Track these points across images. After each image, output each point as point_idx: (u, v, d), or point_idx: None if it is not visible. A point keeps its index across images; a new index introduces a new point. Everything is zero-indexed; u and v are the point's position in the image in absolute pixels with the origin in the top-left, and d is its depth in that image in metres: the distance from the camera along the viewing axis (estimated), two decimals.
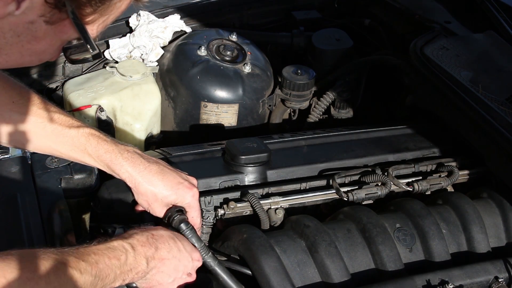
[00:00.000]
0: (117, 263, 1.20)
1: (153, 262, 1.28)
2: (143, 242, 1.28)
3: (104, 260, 1.18)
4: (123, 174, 1.40)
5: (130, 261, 1.23)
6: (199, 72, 2.22)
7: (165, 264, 1.30)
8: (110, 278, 1.18)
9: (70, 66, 2.27)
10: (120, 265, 1.21)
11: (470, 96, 1.87)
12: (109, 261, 1.19)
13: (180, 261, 1.33)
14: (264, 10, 2.67)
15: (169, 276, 1.31)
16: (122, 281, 1.22)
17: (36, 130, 1.36)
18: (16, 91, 1.36)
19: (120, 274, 1.21)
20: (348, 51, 2.45)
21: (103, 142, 1.40)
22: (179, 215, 1.40)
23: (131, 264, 1.23)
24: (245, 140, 1.80)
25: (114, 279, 1.20)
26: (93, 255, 1.17)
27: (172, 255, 1.31)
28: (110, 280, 1.19)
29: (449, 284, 1.46)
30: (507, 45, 2.17)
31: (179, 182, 1.42)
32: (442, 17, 2.39)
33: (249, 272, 1.47)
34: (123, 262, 1.21)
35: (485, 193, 1.81)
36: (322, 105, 2.36)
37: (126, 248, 1.24)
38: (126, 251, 1.23)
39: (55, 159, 1.66)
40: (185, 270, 1.34)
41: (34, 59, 1.06)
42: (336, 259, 1.49)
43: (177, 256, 1.32)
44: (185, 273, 1.35)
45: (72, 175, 1.64)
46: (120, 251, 1.22)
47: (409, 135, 2.03)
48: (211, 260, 1.40)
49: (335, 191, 1.70)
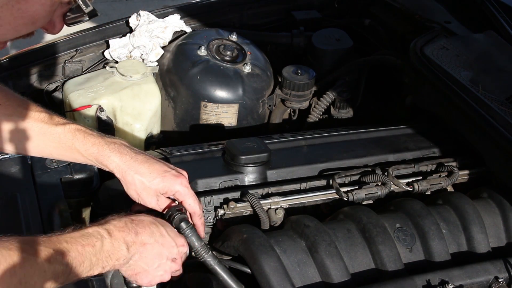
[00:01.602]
0: (91, 250, 1.17)
1: (134, 247, 1.25)
2: (121, 227, 1.25)
3: (76, 247, 1.15)
4: (111, 165, 1.38)
5: (107, 247, 1.20)
6: (199, 72, 2.22)
7: (147, 249, 1.28)
8: (85, 266, 1.16)
9: (70, 66, 2.28)
10: (96, 252, 1.18)
11: (470, 96, 1.87)
12: (82, 249, 1.16)
13: (164, 246, 1.31)
14: (264, 10, 2.67)
15: (153, 261, 1.29)
16: (101, 268, 1.20)
17: (24, 131, 1.36)
18: (1, 94, 1.36)
19: (97, 261, 1.18)
20: (348, 51, 2.45)
21: (90, 136, 1.38)
22: (179, 213, 1.40)
23: (108, 250, 1.21)
24: (245, 140, 1.80)
25: (91, 267, 1.17)
26: (65, 243, 1.14)
27: (154, 239, 1.29)
28: (86, 268, 1.16)
29: (449, 284, 1.46)
30: (507, 45, 2.17)
31: (165, 170, 1.40)
32: (442, 17, 2.39)
33: (248, 270, 1.47)
34: (98, 249, 1.19)
35: (485, 193, 1.81)
36: (322, 105, 2.36)
37: (101, 234, 1.21)
38: (102, 237, 1.21)
39: (54, 159, 1.66)
40: (169, 255, 1.32)
41: (29, 24, 1.05)
42: (336, 259, 1.49)
43: (159, 241, 1.30)
44: (170, 259, 1.33)
45: (72, 175, 1.64)
46: (94, 237, 1.20)
47: (409, 135, 2.03)
48: (211, 259, 1.40)
49: (335, 191, 1.70)
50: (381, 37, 2.49)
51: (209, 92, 2.21)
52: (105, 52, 2.34)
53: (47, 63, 2.24)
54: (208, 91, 2.21)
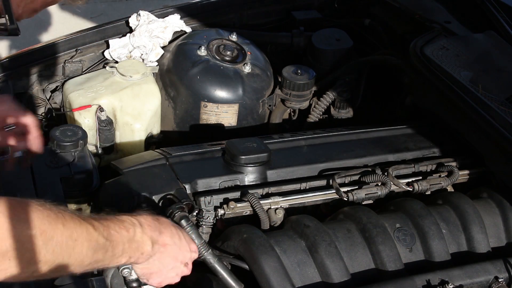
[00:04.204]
0: (126, 235, 1.18)
1: (156, 246, 1.26)
2: (149, 222, 1.26)
3: (115, 227, 1.16)
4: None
5: (138, 237, 1.21)
6: (199, 72, 2.22)
7: (167, 250, 1.29)
8: (119, 249, 1.16)
9: (70, 66, 2.27)
10: (129, 239, 1.18)
11: (470, 96, 1.87)
12: (119, 230, 1.16)
13: (180, 250, 1.32)
14: (264, 10, 2.67)
15: (169, 263, 1.30)
16: (128, 258, 1.20)
17: None
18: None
19: (128, 248, 1.18)
20: (348, 51, 2.45)
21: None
22: (180, 211, 1.41)
23: (138, 241, 1.21)
24: (245, 140, 1.80)
25: (122, 252, 1.17)
26: (104, 221, 1.15)
27: (174, 241, 1.30)
28: (119, 252, 1.16)
29: (449, 284, 1.46)
30: (507, 45, 2.17)
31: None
32: (442, 17, 2.39)
33: (247, 266, 1.47)
34: (131, 236, 1.19)
35: (485, 193, 1.81)
36: (322, 105, 2.36)
37: (134, 223, 1.21)
38: (135, 225, 1.21)
39: (55, 159, 1.66)
40: (183, 259, 1.33)
41: None
42: (336, 259, 1.49)
43: (177, 244, 1.31)
44: (183, 263, 1.34)
45: (72, 175, 1.64)
46: (129, 223, 1.20)
47: (409, 135, 2.03)
48: (211, 257, 1.40)
49: (335, 191, 1.70)
50: (381, 37, 2.49)
51: (209, 92, 2.21)
52: (105, 52, 2.33)
53: (47, 63, 2.24)
54: (208, 91, 2.21)
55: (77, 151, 1.68)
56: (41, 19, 4.81)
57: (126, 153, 2.19)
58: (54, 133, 1.68)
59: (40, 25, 4.73)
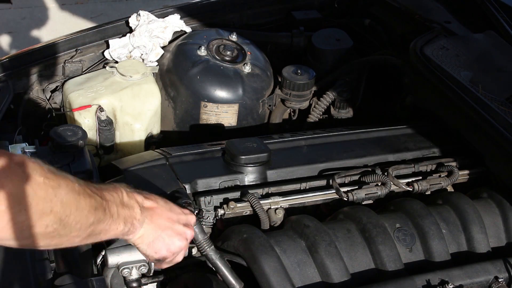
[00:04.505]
0: (116, 196, 1.16)
1: (144, 211, 1.23)
2: (130, 190, 1.23)
3: (104, 190, 1.14)
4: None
5: (125, 200, 1.18)
6: (199, 72, 2.22)
7: (156, 212, 1.26)
8: (114, 209, 1.13)
9: (70, 66, 2.27)
10: (120, 201, 1.16)
11: (470, 96, 1.87)
12: (108, 192, 1.14)
13: (171, 210, 1.29)
14: (264, 10, 2.67)
15: (163, 224, 1.27)
16: (124, 222, 1.17)
17: None
18: None
19: (122, 210, 1.16)
20: (348, 51, 2.45)
21: None
22: (186, 206, 1.42)
23: (128, 204, 1.18)
24: (245, 140, 1.80)
25: (118, 214, 1.14)
26: (92, 184, 1.13)
27: (160, 204, 1.28)
28: (115, 213, 1.13)
29: (449, 284, 1.46)
30: (507, 45, 2.17)
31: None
32: (442, 17, 2.39)
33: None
34: (121, 198, 1.17)
35: (485, 193, 1.81)
36: (322, 105, 2.36)
37: (118, 187, 1.19)
38: (120, 189, 1.19)
39: (54, 159, 1.65)
40: (179, 219, 1.30)
41: None
42: (336, 259, 1.49)
43: (165, 206, 1.29)
44: (181, 223, 1.30)
45: (72, 175, 1.64)
46: (114, 188, 1.18)
47: (409, 135, 2.03)
48: (213, 254, 1.41)
49: (335, 191, 1.70)
50: (381, 37, 2.49)
51: (209, 92, 2.21)
52: (105, 52, 2.33)
53: (47, 63, 2.24)
54: (208, 91, 2.21)
55: (77, 151, 1.68)
56: (41, 19, 4.81)
57: (126, 153, 2.19)
58: (54, 133, 1.68)
59: (40, 25, 4.73)
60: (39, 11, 4.91)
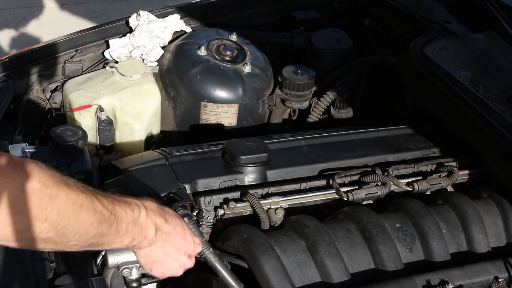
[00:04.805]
0: (131, 214, 1.16)
1: (160, 233, 1.25)
2: (154, 208, 1.25)
3: (120, 204, 1.14)
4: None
5: (142, 219, 1.19)
6: (199, 72, 2.22)
7: (170, 239, 1.28)
8: (123, 226, 1.13)
9: (70, 66, 2.28)
10: (133, 219, 1.16)
11: (470, 96, 1.87)
12: (124, 208, 1.14)
13: (184, 240, 1.31)
14: (264, 10, 2.67)
15: (172, 252, 1.29)
16: (131, 239, 1.17)
17: None
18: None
19: (132, 229, 1.16)
20: (348, 51, 2.45)
21: None
22: (182, 209, 1.41)
23: (142, 223, 1.19)
24: (245, 140, 1.80)
25: (126, 232, 1.15)
26: (109, 197, 1.12)
27: (177, 231, 1.29)
28: (123, 230, 1.14)
29: (449, 284, 1.46)
30: (507, 45, 2.17)
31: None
32: (442, 17, 2.39)
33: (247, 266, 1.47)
34: (136, 217, 1.17)
35: (485, 193, 1.81)
36: (322, 105, 2.36)
37: (139, 205, 1.20)
38: (139, 208, 1.19)
39: (54, 159, 1.65)
40: (187, 250, 1.32)
41: None
42: (336, 259, 1.49)
43: (181, 234, 1.30)
44: (186, 254, 1.33)
45: (72, 175, 1.64)
46: (134, 205, 1.19)
47: (409, 135, 2.03)
48: (212, 256, 1.41)
49: (335, 191, 1.70)
50: (381, 37, 2.49)
51: (209, 92, 2.21)
52: (105, 52, 2.34)
53: (47, 63, 2.24)
54: (208, 91, 2.21)
55: (77, 151, 1.68)
56: (41, 19, 4.81)
57: (126, 153, 2.19)
58: (54, 133, 1.68)
59: (40, 25, 4.73)
60: (39, 11, 4.92)
